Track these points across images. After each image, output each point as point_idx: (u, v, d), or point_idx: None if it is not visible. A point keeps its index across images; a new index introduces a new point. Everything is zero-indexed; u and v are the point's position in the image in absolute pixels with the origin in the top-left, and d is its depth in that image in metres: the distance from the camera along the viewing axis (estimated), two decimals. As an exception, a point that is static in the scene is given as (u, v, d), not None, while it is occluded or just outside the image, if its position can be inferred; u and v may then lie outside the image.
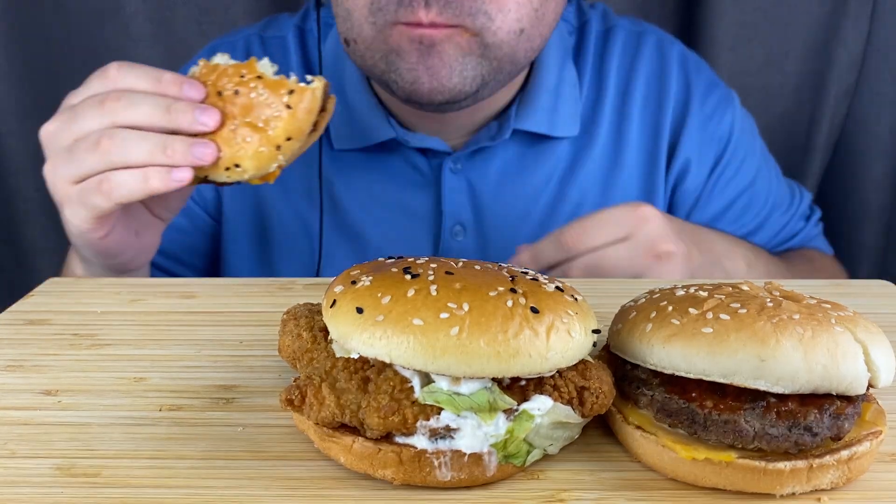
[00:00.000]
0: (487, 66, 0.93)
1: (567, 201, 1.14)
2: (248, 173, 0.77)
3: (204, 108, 0.76)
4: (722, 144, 1.18)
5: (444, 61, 0.91)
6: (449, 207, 1.11)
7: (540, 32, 0.96)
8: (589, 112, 1.15)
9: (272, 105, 0.75)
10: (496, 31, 0.90)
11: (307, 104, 0.76)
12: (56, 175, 0.80)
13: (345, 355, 0.54)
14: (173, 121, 0.75)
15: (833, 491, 0.52)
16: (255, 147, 0.76)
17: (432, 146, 1.09)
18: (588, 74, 1.16)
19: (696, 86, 1.18)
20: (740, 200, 1.20)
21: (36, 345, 0.71)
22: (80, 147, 0.77)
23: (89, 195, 0.78)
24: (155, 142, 0.75)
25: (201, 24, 1.58)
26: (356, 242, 1.14)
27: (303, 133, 0.77)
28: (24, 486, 0.52)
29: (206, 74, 0.79)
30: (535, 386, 0.53)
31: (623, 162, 1.15)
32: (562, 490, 0.52)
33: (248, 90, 0.76)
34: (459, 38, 0.90)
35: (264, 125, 0.76)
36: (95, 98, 0.77)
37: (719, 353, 0.51)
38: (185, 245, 1.19)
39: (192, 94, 0.77)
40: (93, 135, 0.76)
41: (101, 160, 0.76)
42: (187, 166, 0.76)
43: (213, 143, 0.76)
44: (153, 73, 0.78)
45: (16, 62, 1.59)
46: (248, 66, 0.78)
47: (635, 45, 1.18)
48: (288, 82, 0.76)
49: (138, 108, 0.76)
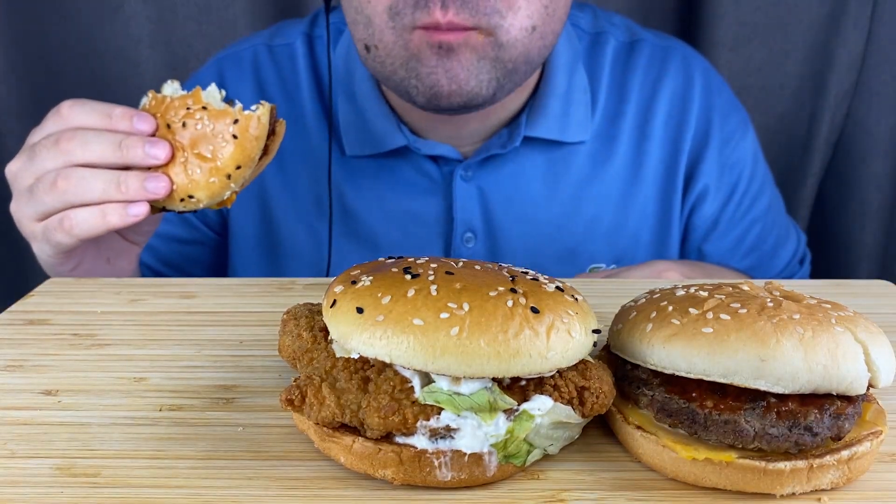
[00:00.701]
0: (502, 69, 0.94)
1: (582, 214, 1.14)
2: (203, 203, 0.79)
3: (154, 141, 0.78)
4: (739, 171, 1.18)
5: (463, 65, 0.92)
6: (460, 215, 1.11)
7: (552, 29, 0.96)
8: (608, 124, 1.14)
9: (218, 136, 0.77)
10: (509, 28, 0.91)
11: (253, 132, 0.77)
12: (21, 213, 0.84)
13: (345, 355, 0.54)
14: (125, 156, 0.78)
15: (833, 491, 0.52)
16: (205, 178, 0.78)
17: (443, 153, 1.09)
18: (605, 85, 1.15)
19: (717, 107, 1.17)
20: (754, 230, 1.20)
21: (36, 345, 0.71)
22: (38, 187, 0.80)
23: (52, 233, 0.81)
24: (109, 179, 0.78)
25: (201, 24, 1.58)
26: (367, 249, 1.14)
27: (252, 160, 0.78)
28: (24, 486, 0.52)
29: (154, 107, 0.80)
30: (535, 386, 0.53)
31: (642, 179, 1.15)
32: (562, 490, 0.52)
33: (194, 122, 0.77)
34: (475, 40, 0.91)
35: (212, 156, 0.77)
36: (51, 138, 0.80)
37: (719, 353, 0.51)
38: (187, 255, 1.19)
39: (143, 126, 0.79)
40: (50, 174, 0.79)
41: (58, 199, 0.79)
42: (143, 200, 0.78)
43: (165, 176, 0.78)
44: (104, 110, 0.80)
45: (16, 62, 1.59)
46: (193, 96, 0.79)
47: (661, 59, 1.17)
48: (232, 111, 0.77)
49: (91, 146, 0.78)
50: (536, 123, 1.08)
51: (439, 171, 1.11)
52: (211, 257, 1.22)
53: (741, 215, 1.19)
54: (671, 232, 1.16)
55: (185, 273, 1.19)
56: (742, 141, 1.18)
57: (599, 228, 1.14)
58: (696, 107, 1.16)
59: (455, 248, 1.12)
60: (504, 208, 1.12)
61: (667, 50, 1.18)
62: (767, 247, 1.21)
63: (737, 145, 1.18)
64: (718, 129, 1.16)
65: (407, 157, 1.11)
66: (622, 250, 1.15)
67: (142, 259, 1.13)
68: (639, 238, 1.15)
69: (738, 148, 1.18)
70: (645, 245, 1.16)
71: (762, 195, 1.21)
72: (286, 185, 1.14)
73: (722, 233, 1.18)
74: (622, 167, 1.14)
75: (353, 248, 1.14)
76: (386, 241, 1.13)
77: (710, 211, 1.17)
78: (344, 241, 1.14)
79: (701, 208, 1.17)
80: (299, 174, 1.14)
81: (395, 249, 1.13)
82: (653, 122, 1.15)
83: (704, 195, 1.16)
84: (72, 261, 0.87)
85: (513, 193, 1.12)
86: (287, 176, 1.14)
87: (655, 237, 1.16)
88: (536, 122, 1.08)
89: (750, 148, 1.20)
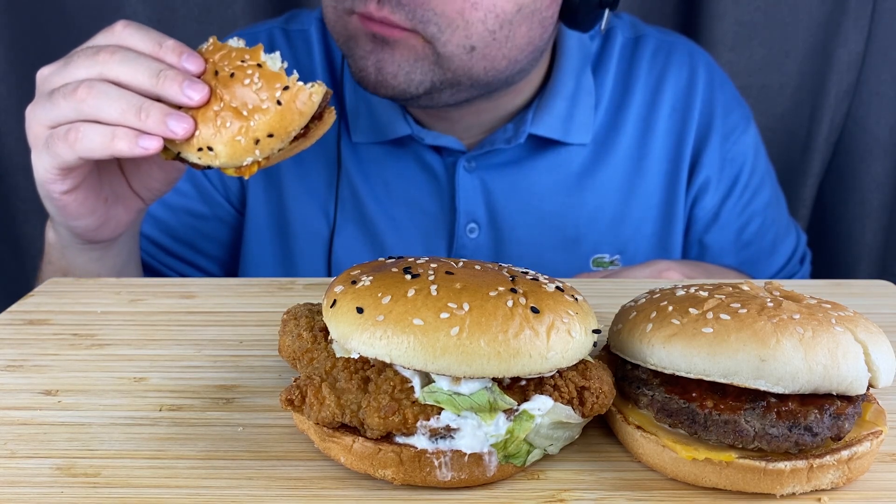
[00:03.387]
0: (440, 75, 0.94)
1: (585, 204, 1.15)
2: (220, 159, 0.73)
3: (193, 81, 0.73)
4: (740, 164, 1.19)
5: (394, 60, 0.93)
6: (463, 205, 1.12)
7: (504, 54, 0.95)
8: (612, 117, 1.16)
9: (262, 96, 0.72)
10: (445, 43, 0.91)
11: (300, 105, 0.73)
12: (33, 116, 0.79)
13: (345, 355, 0.54)
14: (159, 86, 0.73)
15: (833, 491, 0.52)
16: (232, 134, 0.72)
17: (447, 144, 1.10)
18: (611, 80, 1.17)
19: (719, 101, 1.18)
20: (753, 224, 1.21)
21: (36, 345, 0.71)
22: (59, 92, 0.75)
23: (55, 142, 0.76)
24: (132, 102, 0.73)
25: (201, 24, 1.58)
26: (373, 234, 1.15)
27: (287, 133, 0.73)
28: (24, 486, 0.52)
29: (211, 52, 0.76)
30: (535, 386, 0.53)
31: (646, 170, 1.16)
32: (562, 490, 0.52)
33: (243, 75, 0.73)
34: (415, 41, 0.92)
35: (248, 115, 0.72)
36: (93, 49, 0.76)
37: (720, 353, 0.51)
38: (203, 232, 1.17)
39: (190, 66, 0.74)
40: (76, 82, 0.74)
41: (74, 108, 0.74)
42: (157, 135, 0.73)
43: (191, 119, 0.72)
44: (156, 37, 0.76)
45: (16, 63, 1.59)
46: (252, 52, 0.75)
47: (666, 54, 1.19)
48: (286, 77, 0.73)
49: (128, 65, 0.73)
50: (541, 122, 1.10)
51: (442, 161, 1.12)
52: (230, 235, 1.20)
53: (741, 209, 1.20)
54: (675, 223, 1.17)
55: (197, 250, 1.17)
56: (743, 135, 1.19)
57: (603, 219, 1.15)
58: (699, 100, 1.17)
59: (459, 238, 1.13)
60: (507, 199, 1.13)
61: (671, 45, 1.20)
62: (766, 242, 1.22)
63: (738, 139, 1.19)
64: (721, 123, 1.18)
65: (411, 146, 1.12)
66: (625, 241, 1.16)
67: (146, 232, 1.12)
68: (642, 229, 1.16)
69: (740, 142, 1.19)
70: (648, 236, 1.17)
71: (762, 190, 1.22)
72: (299, 166, 1.15)
73: (723, 225, 1.20)
74: (626, 159, 1.15)
75: (359, 234, 1.15)
76: (391, 228, 1.14)
77: (712, 203, 1.18)
78: (351, 225, 1.14)
79: (702, 200, 1.18)
80: (312, 157, 1.14)
81: (400, 237, 1.14)
82: (657, 115, 1.16)
83: (706, 187, 1.18)
84: (66, 181, 0.80)
85: (516, 184, 1.13)
86: (300, 158, 1.14)
87: (659, 228, 1.17)
88: (542, 120, 1.10)
89: (751, 142, 1.21)
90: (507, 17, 0.92)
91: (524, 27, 0.95)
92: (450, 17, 0.89)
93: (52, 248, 0.94)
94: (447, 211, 1.13)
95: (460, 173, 1.11)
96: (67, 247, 0.91)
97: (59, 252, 0.93)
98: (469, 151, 1.11)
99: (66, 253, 0.92)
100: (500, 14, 0.91)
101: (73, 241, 0.90)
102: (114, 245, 0.93)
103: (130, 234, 0.95)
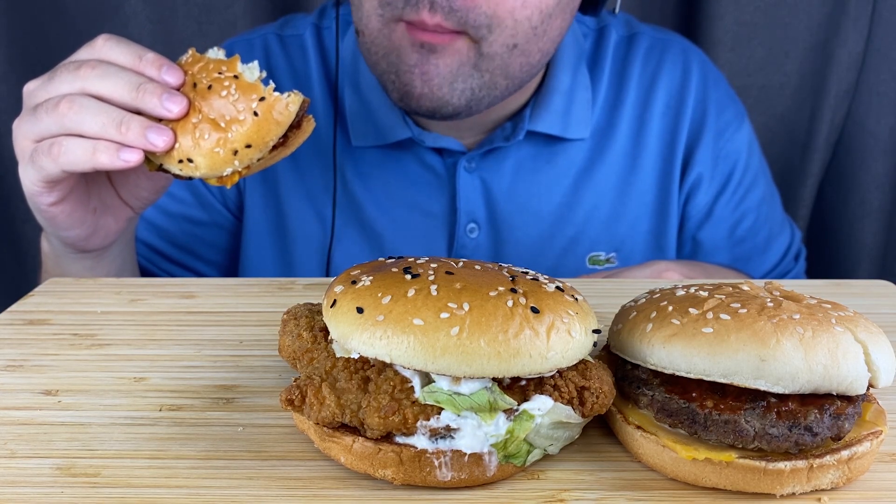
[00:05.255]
0: (479, 80, 0.94)
1: (582, 203, 1.15)
2: (200, 171, 0.75)
3: (172, 94, 0.74)
4: (733, 162, 1.19)
5: (440, 69, 0.92)
6: (464, 206, 1.12)
7: (539, 48, 0.97)
8: (607, 116, 1.16)
9: (239, 107, 0.74)
10: (492, 42, 0.91)
11: (277, 115, 0.74)
12: (19, 131, 0.80)
13: (345, 355, 0.54)
14: (139, 99, 0.74)
15: (833, 491, 0.52)
16: (211, 145, 0.74)
17: (447, 146, 1.10)
18: (606, 78, 1.17)
19: (713, 99, 1.19)
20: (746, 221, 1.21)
21: (36, 345, 0.71)
22: (43, 107, 0.77)
23: (40, 156, 0.78)
24: (112, 116, 0.74)
25: (201, 24, 1.58)
26: (372, 237, 1.15)
27: (265, 143, 0.74)
28: (24, 486, 0.52)
29: (190, 64, 0.78)
30: (535, 386, 0.53)
31: (640, 168, 1.16)
32: (562, 490, 0.52)
33: (220, 87, 0.74)
34: (461, 44, 0.91)
35: (226, 127, 0.74)
36: (75, 63, 0.77)
37: (720, 353, 0.51)
38: (202, 238, 1.18)
39: (169, 78, 0.76)
40: (59, 97, 0.76)
41: (56, 122, 0.75)
42: (138, 148, 0.74)
43: (171, 131, 0.74)
44: (137, 51, 0.77)
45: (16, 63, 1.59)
46: (229, 63, 0.76)
47: (660, 51, 1.19)
48: (262, 88, 0.74)
49: (109, 79, 0.75)
50: (539, 118, 1.10)
51: (443, 162, 1.13)
52: (229, 240, 1.21)
53: (734, 206, 1.20)
54: (669, 220, 1.18)
55: (196, 255, 1.18)
56: (737, 133, 1.20)
57: (599, 217, 1.16)
58: (692, 98, 1.18)
59: (459, 238, 1.13)
60: (506, 199, 1.13)
61: (665, 43, 1.20)
62: (759, 239, 1.22)
63: (731, 137, 1.19)
64: (714, 120, 1.18)
65: (411, 148, 1.12)
66: (621, 238, 1.17)
67: (145, 238, 1.12)
68: (637, 226, 1.17)
69: (733, 139, 1.19)
70: (643, 233, 1.17)
71: (756, 187, 1.22)
72: (296, 171, 1.15)
73: (716, 222, 1.20)
74: (621, 157, 1.16)
75: (357, 237, 1.15)
76: (390, 230, 1.14)
77: (705, 200, 1.19)
78: (350, 229, 1.15)
79: (695, 197, 1.19)
80: (309, 162, 1.14)
81: (400, 239, 1.14)
82: (651, 113, 1.17)
83: (699, 184, 1.18)
84: (52, 193, 0.81)
85: (515, 184, 1.13)
86: (297, 162, 1.14)
87: (654, 225, 1.18)
88: (540, 116, 1.10)
89: (745, 140, 1.21)
90: (549, 11, 0.93)
91: (559, 19, 0.96)
92: (500, 18, 0.90)
93: (46, 257, 0.96)
94: (448, 212, 1.14)
95: (461, 173, 1.11)
96: (61, 256, 0.92)
97: (53, 261, 0.94)
98: (469, 152, 1.12)
99: (60, 262, 0.93)
100: (543, 9, 0.92)
101: (66, 251, 0.91)
102: (107, 253, 0.94)
103: (123, 241, 0.96)
